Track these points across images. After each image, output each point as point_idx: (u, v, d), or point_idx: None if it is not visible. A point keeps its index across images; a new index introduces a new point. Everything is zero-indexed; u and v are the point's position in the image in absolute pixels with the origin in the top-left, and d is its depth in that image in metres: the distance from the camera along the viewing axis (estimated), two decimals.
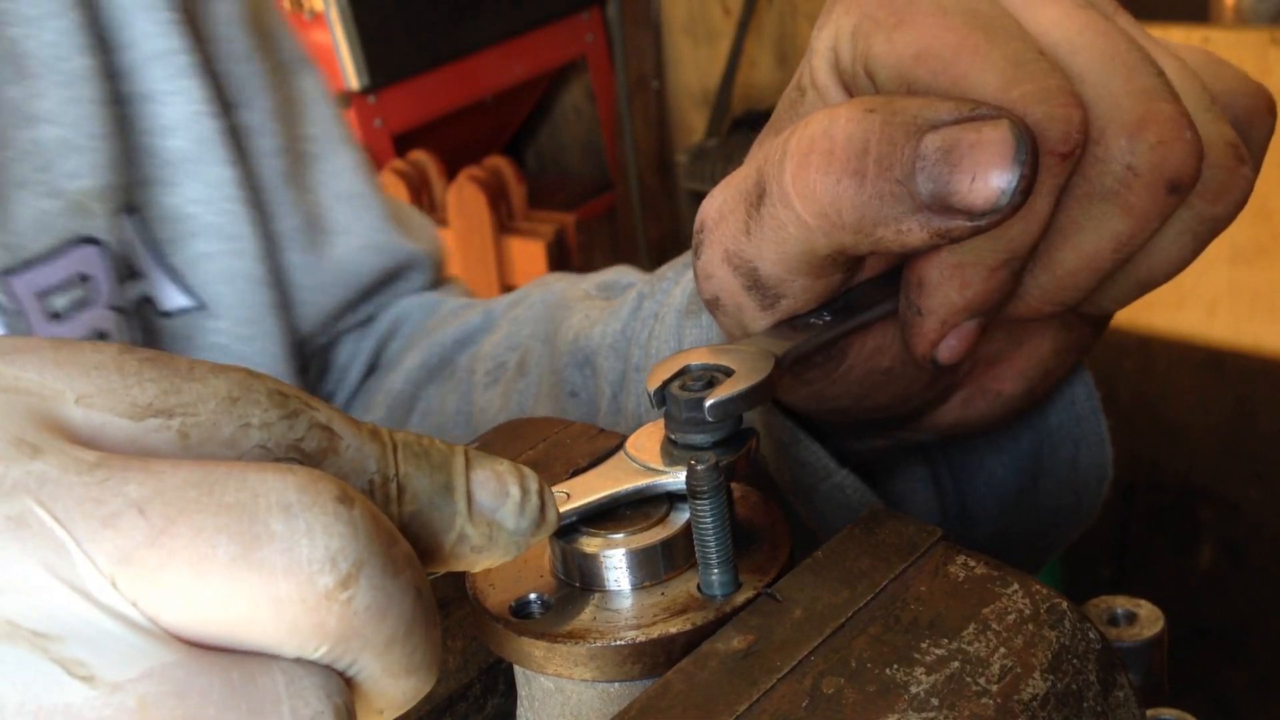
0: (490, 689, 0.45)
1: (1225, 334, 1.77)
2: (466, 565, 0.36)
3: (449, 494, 0.34)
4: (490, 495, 0.35)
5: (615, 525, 0.40)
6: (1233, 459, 1.78)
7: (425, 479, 0.34)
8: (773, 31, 3.01)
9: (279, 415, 0.32)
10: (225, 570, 0.28)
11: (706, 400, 0.41)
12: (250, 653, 0.29)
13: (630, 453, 0.42)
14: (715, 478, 0.37)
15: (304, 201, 0.82)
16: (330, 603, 0.29)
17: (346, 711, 0.30)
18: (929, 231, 0.41)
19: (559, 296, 0.77)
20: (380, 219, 0.86)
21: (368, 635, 0.30)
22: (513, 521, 0.35)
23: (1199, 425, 1.80)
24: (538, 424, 0.51)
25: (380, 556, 0.30)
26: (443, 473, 0.35)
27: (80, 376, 0.30)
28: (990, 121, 0.40)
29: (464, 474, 0.35)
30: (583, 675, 0.38)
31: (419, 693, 0.33)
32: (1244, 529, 1.79)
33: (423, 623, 0.32)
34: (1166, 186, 0.43)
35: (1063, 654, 0.35)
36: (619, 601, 0.39)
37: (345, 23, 2.82)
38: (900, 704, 0.33)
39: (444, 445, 0.35)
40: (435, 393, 0.82)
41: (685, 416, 0.41)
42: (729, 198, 0.47)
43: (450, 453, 0.35)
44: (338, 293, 0.83)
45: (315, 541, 0.29)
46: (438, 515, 0.34)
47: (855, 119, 0.42)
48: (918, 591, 0.36)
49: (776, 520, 0.42)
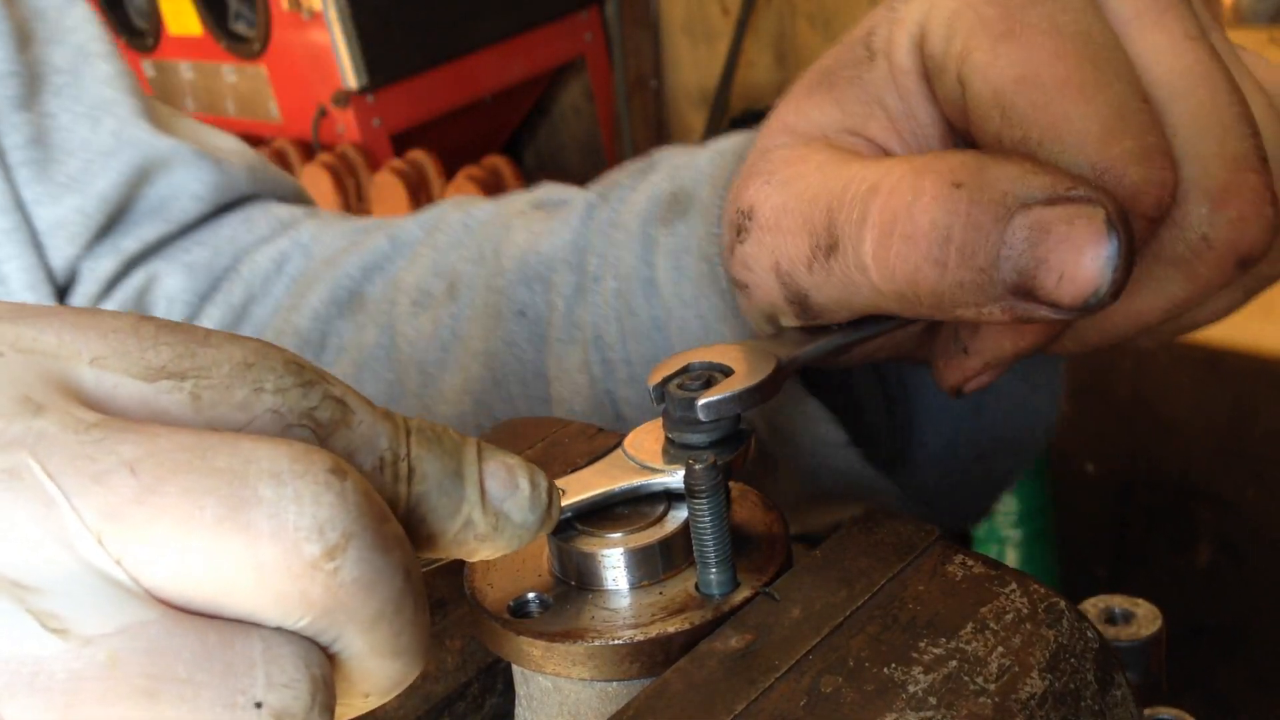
0: (488, 688, 0.45)
1: (1223, 333, 1.77)
2: (468, 553, 0.36)
3: (459, 480, 0.35)
4: (500, 486, 0.35)
5: (613, 525, 0.40)
6: (1230, 458, 1.78)
7: (436, 462, 0.34)
8: (771, 31, 3.01)
9: (294, 383, 0.32)
10: (210, 531, 0.28)
11: (699, 400, 0.41)
12: (233, 620, 0.29)
13: (628, 451, 0.42)
14: (713, 477, 0.37)
15: (35, 125, 0.78)
16: (315, 572, 0.29)
17: (324, 684, 0.30)
18: (1011, 315, 0.40)
19: (491, 215, 0.74)
20: (125, 121, 0.81)
21: (353, 609, 0.30)
22: (520, 514, 0.35)
23: (1197, 424, 1.80)
24: (537, 423, 0.51)
25: (370, 532, 0.30)
26: (454, 459, 0.35)
27: (97, 340, 0.31)
28: (1085, 210, 0.38)
29: (476, 462, 0.35)
30: (581, 674, 0.38)
31: (405, 677, 0.33)
32: (1242, 528, 1.79)
33: (411, 604, 0.31)
34: (1237, 261, 0.42)
35: (1060, 653, 0.35)
36: (617, 601, 0.39)
37: (344, 22, 2.82)
38: (898, 703, 0.33)
39: (456, 434, 0.36)
40: (348, 327, 0.77)
41: (680, 416, 0.41)
42: (791, 212, 0.45)
43: (463, 441, 0.35)
44: (81, 208, 0.78)
45: (304, 509, 0.29)
46: (446, 500, 0.34)
47: (940, 199, 0.40)
48: (916, 591, 0.37)
49: (774, 520, 0.42)
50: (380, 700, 0.33)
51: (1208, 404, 1.79)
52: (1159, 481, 1.84)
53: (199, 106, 3.33)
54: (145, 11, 3.32)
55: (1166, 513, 1.85)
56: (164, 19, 3.26)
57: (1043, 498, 1.42)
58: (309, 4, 2.86)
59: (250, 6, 3.06)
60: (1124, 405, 1.84)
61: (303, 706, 0.30)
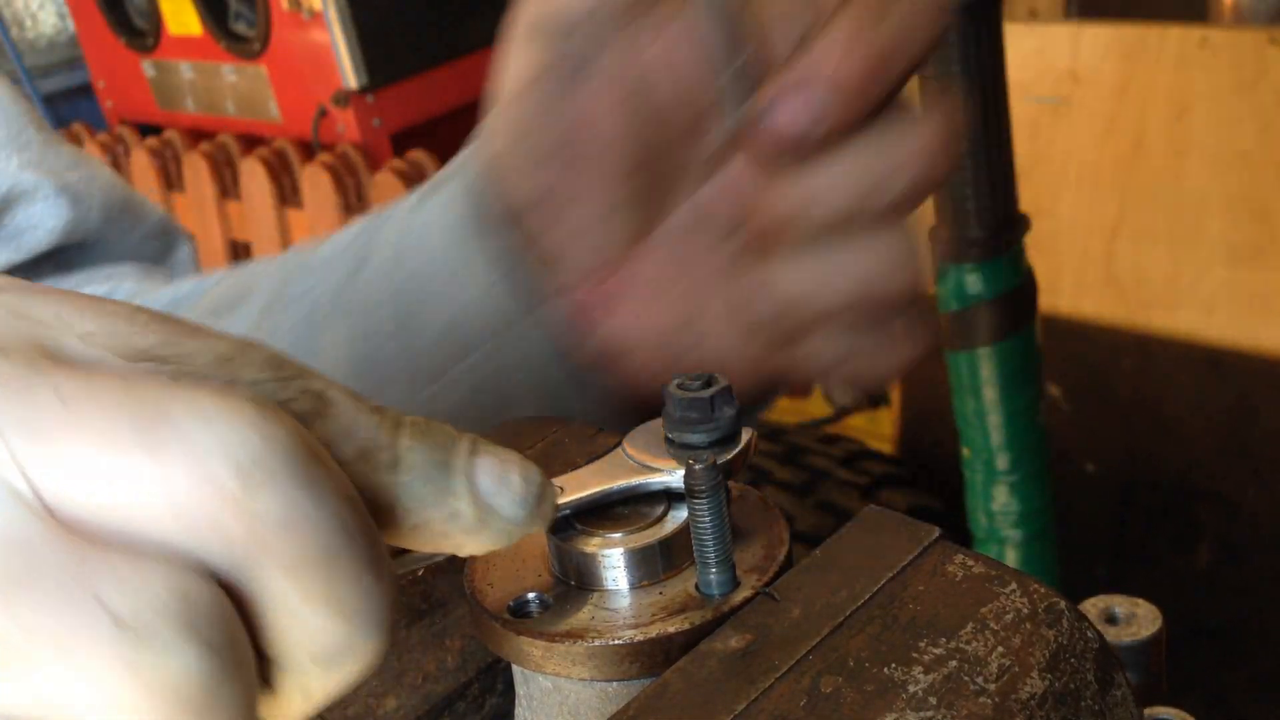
0: (488, 688, 0.45)
1: (1224, 333, 1.78)
2: (454, 546, 0.36)
3: (446, 470, 0.35)
4: (490, 479, 0.35)
5: (613, 524, 0.40)
6: (1232, 458, 1.79)
7: (423, 453, 0.34)
8: None
9: (270, 376, 0.33)
10: (123, 454, 0.29)
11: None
12: (132, 549, 0.29)
13: (627, 450, 0.42)
14: (713, 477, 0.37)
15: None
16: (227, 502, 0.29)
17: (203, 614, 0.29)
18: None
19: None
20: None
21: (272, 548, 0.30)
22: (509, 508, 0.35)
23: (1197, 424, 1.80)
24: (537, 424, 0.51)
25: (295, 471, 0.30)
26: (443, 451, 0.35)
27: (91, 319, 0.32)
28: None
29: (466, 455, 0.35)
30: (581, 674, 0.38)
31: (354, 644, 0.32)
32: (1243, 528, 1.79)
33: (351, 559, 0.31)
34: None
35: (1060, 653, 0.35)
36: (617, 601, 0.39)
37: (344, 22, 2.82)
38: (898, 703, 0.33)
39: (451, 429, 0.36)
40: None
41: (680, 415, 0.41)
42: None
43: (456, 435, 0.35)
44: None
45: (222, 440, 0.29)
46: (432, 490, 0.34)
47: None
48: (916, 591, 0.36)
49: (775, 519, 0.42)
50: (334, 673, 0.33)
51: (1209, 404, 1.79)
52: (1159, 481, 1.84)
53: (199, 106, 3.33)
54: (145, 11, 3.32)
55: (1167, 513, 1.85)
56: (164, 19, 3.26)
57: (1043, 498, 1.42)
58: (309, 4, 2.86)
59: (250, 6, 3.06)
60: (1124, 405, 1.84)
61: (171, 631, 0.29)
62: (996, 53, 1.22)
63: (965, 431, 1.40)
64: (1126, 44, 1.78)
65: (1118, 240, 1.84)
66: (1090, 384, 1.86)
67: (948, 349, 1.37)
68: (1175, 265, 1.81)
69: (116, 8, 3.36)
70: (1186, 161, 1.76)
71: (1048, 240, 1.85)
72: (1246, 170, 1.72)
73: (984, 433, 1.38)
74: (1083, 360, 1.87)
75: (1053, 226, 1.87)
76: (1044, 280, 1.40)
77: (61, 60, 3.82)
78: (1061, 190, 1.87)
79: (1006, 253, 1.30)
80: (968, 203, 1.26)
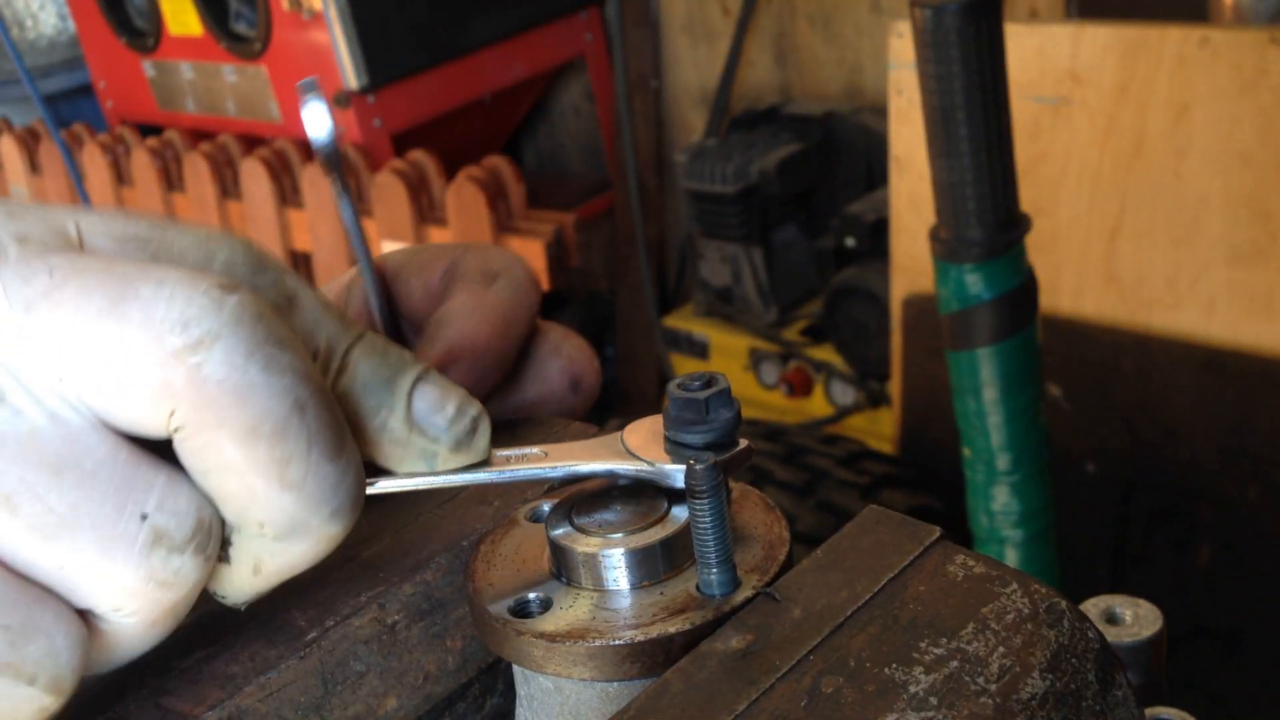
0: (489, 688, 0.45)
1: (1224, 334, 1.77)
2: (384, 458, 0.39)
3: (389, 386, 0.38)
4: (428, 404, 0.38)
5: (614, 525, 0.40)
6: (1232, 459, 1.78)
7: (370, 368, 0.38)
8: (772, 31, 3.01)
9: (245, 259, 0.36)
10: (92, 321, 0.33)
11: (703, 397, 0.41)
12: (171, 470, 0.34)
13: (624, 439, 0.42)
14: (714, 477, 0.37)
15: None
16: (177, 362, 0.32)
17: (207, 529, 0.34)
18: None
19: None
20: None
21: (224, 414, 0.33)
22: (437, 431, 0.38)
23: (1198, 425, 1.80)
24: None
25: (245, 341, 0.33)
26: (390, 369, 0.38)
27: (94, 215, 0.36)
28: None
29: (411, 379, 0.38)
30: (581, 675, 0.38)
31: (302, 519, 0.35)
32: (1243, 529, 1.79)
33: (300, 435, 0.34)
34: None
35: (1061, 653, 0.35)
36: (618, 601, 0.39)
37: (344, 22, 2.82)
38: (899, 703, 0.33)
39: (409, 355, 0.39)
40: None
41: (680, 415, 0.41)
42: None
43: (410, 360, 0.39)
44: None
45: (173, 306, 0.33)
46: (371, 400, 0.37)
47: None
48: (916, 591, 0.36)
49: (775, 520, 0.42)
50: (286, 549, 0.36)
51: (1209, 405, 1.79)
52: (1160, 482, 1.84)
53: (200, 107, 3.33)
54: (145, 12, 3.32)
55: (1168, 513, 1.85)
56: (164, 19, 3.26)
57: (1044, 498, 1.41)
58: (309, 4, 2.86)
59: (251, 7, 3.06)
60: (1125, 406, 1.84)
61: (183, 536, 0.34)
62: (997, 53, 1.22)
63: (966, 432, 1.40)
64: (1127, 44, 1.78)
65: (1118, 240, 1.84)
66: (1091, 384, 1.85)
67: (948, 349, 1.37)
68: (1176, 265, 1.81)
69: (117, 8, 3.36)
70: (1187, 161, 1.76)
71: (1048, 240, 1.85)
72: (1247, 170, 1.72)
73: (985, 433, 1.38)
74: (1083, 360, 1.86)
75: (1053, 226, 1.87)
76: (1044, 280, 1.40)
77: (62, 61, 3.82)
78: (1062, 190, 1.87)
79: (1007, 253, 1.29)
80: (968, 203, 1.26)
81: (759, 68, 3.05)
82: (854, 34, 2.87)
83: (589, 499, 0.42)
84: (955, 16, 1.18)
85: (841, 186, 2.66)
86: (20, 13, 3.81)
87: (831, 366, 2.51)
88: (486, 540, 0.43)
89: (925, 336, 2.00)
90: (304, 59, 2.98)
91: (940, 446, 1.95)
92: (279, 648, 0.40)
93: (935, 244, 1.32)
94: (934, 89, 1.22)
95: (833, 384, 2.52)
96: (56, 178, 3.38)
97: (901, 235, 2.05)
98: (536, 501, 0.44)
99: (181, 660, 0.39)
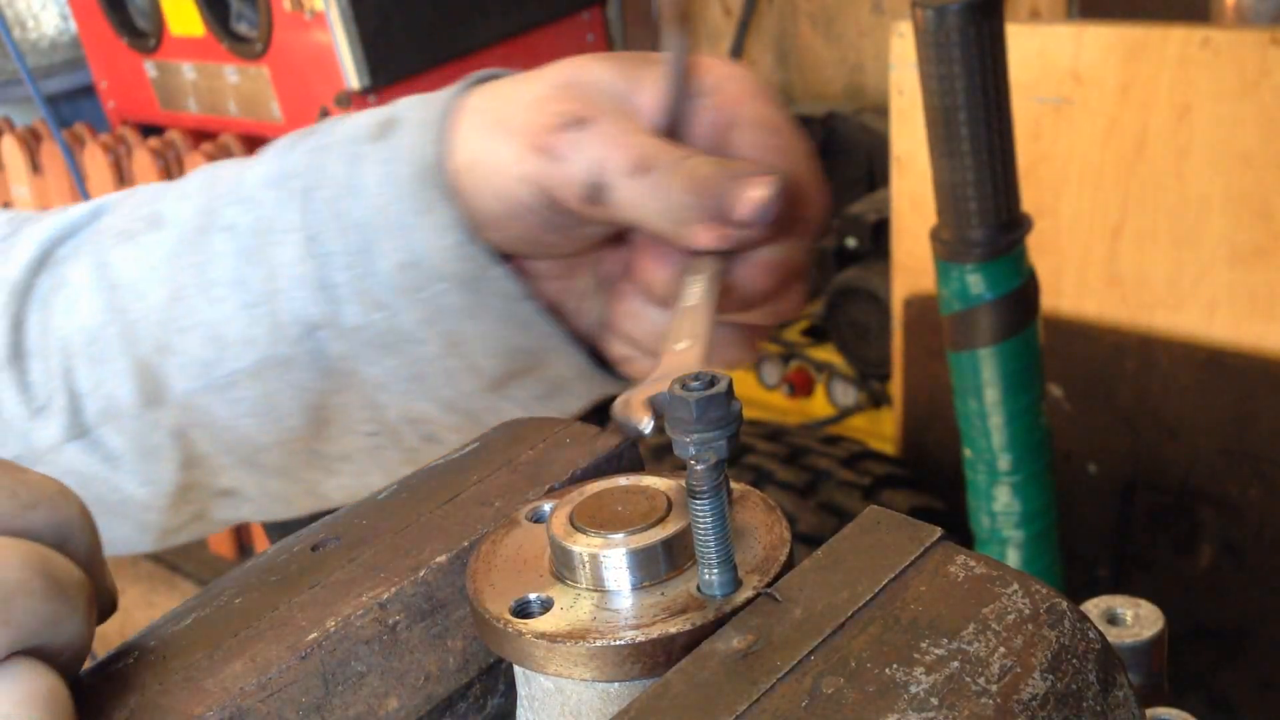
0: (490, 689, 0.45)
1: (1225, 334, 1.77)
2: None
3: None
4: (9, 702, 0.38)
5: (615, 525, 0.40)
6: (1233, 459, 1.78)
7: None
8: (773, 31, 3.01)
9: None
10: None
11: None
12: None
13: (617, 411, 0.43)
14: (715, 477, 0.37)
15: None
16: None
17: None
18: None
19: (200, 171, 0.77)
20: None
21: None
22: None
23: (1199, 425, 1.80)
24: (537, 424, 0.51)
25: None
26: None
27: None
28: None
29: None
30: (582, 675, 0.38)
31: None
32: (1244, 529, 1.79)
33: None
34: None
35: (1062, 654, 0.35)
36: (619, 601, 0.39)
37: (345, 23, 2.82)
38: (900, 704, 0.33)
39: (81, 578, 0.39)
40: (55, 272, 0.76)
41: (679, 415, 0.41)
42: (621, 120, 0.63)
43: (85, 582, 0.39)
44: None
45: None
46: None
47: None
48: (917, 591, 0.36)
49: (776, 520, 0.42)
50: None
51: (1211, 405, 1.79)
52: (1161, 483, 1.84)
53: (201, 107, 3.33)
54: (147, 12, 3.32)
55: (1169, 514, 1.85)
56: (166, 19, 3.26)
57: (1045, 499, 1.41)
58: (310, 4, 2.86)
59: (252, 7, 3.06)
60: (1126, 406, 1.84)
61: None
62: (999, 53, 1.22)
63: (967, 432, 1.40)
64: (1128, 44, 1.78)
65: (1120, 240, 1.84)
66: (1092, 384, 1.85)
67: (950, 350, 1.37)
68: (1178, 265, 1.81)
69: (119, 9, 3.36)
70: (1189, 162, 1.76)
71: (1050, 240, 1.85)
72: (1249, 170, 1.72)
73: (986, 433, 1.38)
74: (1085, 361, 1.86)
75: (1054, 227, 1.87)
76: (1046, 280, 1.40)
77: (63, 61, 3.82)
78: (1063, 190, 1.87)
79: (1009, 253, 1.29)
80: (970, 203, 1.26)
81: (760, 68, 3.05)
82: (855, 34, 2.87)
83: (590, 499, 0.42)
84: (957, 17, 1.18)
85: (843, 187, 2.66)
86: (22, 13, 3.81)
87: (833, 367, 2.51)
88: (487, 541, 0.43)
89: (926, 337, 1.99)
90: (306, 60, 2.98)
91: (941, 447, 1.95)
92: (280, 648, 0.40)
93: (936, 244, 1.32)
94: (935, 89, 1.22)
95: (834, 384, 2.52)
96: (58, 178, 3.39)
97: (903, 235, 2.05)
98: (537, 502, 0.45)
99: (182, 660, 0.39)
